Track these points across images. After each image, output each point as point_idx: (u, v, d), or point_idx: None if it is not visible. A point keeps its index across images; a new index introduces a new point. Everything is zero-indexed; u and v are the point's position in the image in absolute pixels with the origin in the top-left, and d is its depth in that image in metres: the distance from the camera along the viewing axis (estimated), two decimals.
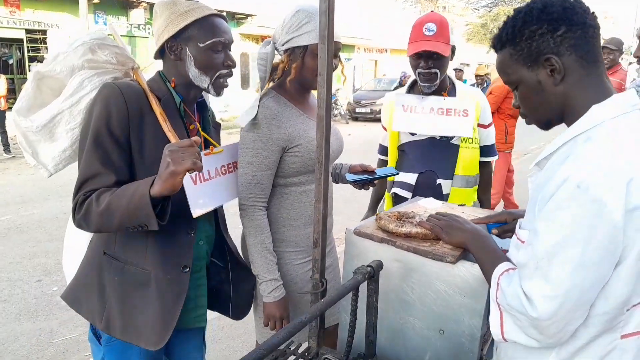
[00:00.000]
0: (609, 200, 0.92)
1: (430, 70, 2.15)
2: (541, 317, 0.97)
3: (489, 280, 1.18)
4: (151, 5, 14.41)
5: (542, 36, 1.06)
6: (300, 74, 1.74)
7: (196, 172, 1.55)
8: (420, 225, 1.44)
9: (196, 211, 1.55)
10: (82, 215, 1.40)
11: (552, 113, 1.13)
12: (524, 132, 5.89)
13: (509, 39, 1.11)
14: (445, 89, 2.31)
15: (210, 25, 1.52)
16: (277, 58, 1.81)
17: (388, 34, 26.13)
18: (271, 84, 1.84)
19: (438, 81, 2.20)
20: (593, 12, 1.07)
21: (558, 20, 1.04)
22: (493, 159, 2.43)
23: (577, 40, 1.04)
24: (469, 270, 1.32)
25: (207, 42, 1.51)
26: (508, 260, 1.19)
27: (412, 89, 2.41)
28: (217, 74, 1.55)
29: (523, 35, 1.08)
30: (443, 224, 1.40)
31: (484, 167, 2.43)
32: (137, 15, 14.35)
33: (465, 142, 2.29)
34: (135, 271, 1.53)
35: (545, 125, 1.18)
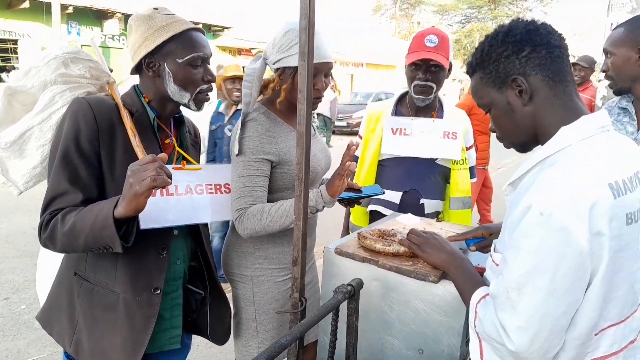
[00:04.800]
0: (574, 226, 0.92)
1: (427, 83, 2.14)
2: (519, 350, 0.97)
3: (467, 305, 1.18)
4: (126, 16, 14.27)
5: (508, 58, 1.09)
6: (291, 94, 1.72)
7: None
8: (398, 241, 1.43)
9: (145, 223, 1.44)
10: (47, 236, 1.36)
11: (525, 134, 1.14)
12: (497, 146, 5.99)
13: (478, 63, 1.15)
14: (435, 109, 2.31)
15: (188, 40, 1.49)
16: (269, 73, 1.80)
17: (364, 48, 26.45)
18: (261, 97, 1.82)
19: (433, 96, 2.19)
20: (560, 34, 1.10)
21: (522, 42, 1.08)
22: (472, 181, 2.42)
23: (542, 60, 1.07)
24: (447, 289, 1.32)
25: (186, 58, 1.48)
26: (485, 284, 1.19)
27: (400, 103, 2.39)
28: (198, 89, 1.53)
29: (490, 59, 1.12)
30: (421, 241, 1.39)
31: None
32: (112, 25, 14.17)
33: (457, 163, 2.29)
34: (104, 293, 1.47)
35: (521, 147, 1.19)
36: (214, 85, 1.60)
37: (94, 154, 1.39)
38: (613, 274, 0.98)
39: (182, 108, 1.65)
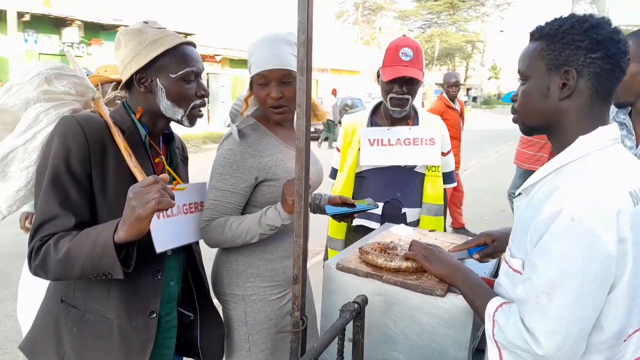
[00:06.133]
0: (603, 231, 0.95)
1: (404, 96, 2.15)
2: (548, 354, 0.98)
3: (480, 316, 1.17)
4: (85, 24, 13.91)
5: (578, 49, 1.05)
6: (256, 103, 1.75)
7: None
8: (404, 256, 1.42)
9: (159, 247, 1.45)
10: (39, 263, 1.28)
11: (541, 122, 1.14)
12: (462, 150, 6.10)
13: (550, 34, 1.10)
14: (410, 117, 2.32)
15: (181, 54, 1.45)
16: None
17: (328, 53, 26.58)
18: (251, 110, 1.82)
19: (408, 106, 2.20)
20: (629, 59, 1.08)
21: (599, 43, 1.04)
22: (451, 186, 2.45)
23: (602, 71, 1.05)
24: (452, 302, 1.31)
25: (180, 73, 1.44)
26: (495, 294, 1.19)
27: (375, 114, 2.39)
28: (192, 104, 1.49)
29: (563, 38, 1.07)
30: (427, 253, 1.39)
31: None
32: (71, 33, 13.74)
33: (430, 170, 2.31)
34: (95, 320, 1.41)
35: (529, 130, 1.20)
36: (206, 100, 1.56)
37: (85, 175, 1.33)
38: (635, 280, 1.01)
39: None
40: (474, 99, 46.87)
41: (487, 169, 11.02)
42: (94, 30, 14.20)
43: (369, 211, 2.25)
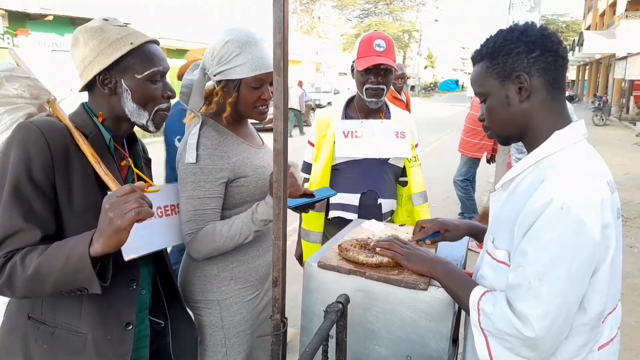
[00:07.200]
0: (589, 219, 1.01)
1: (379, 86, 2.20)
2: (538, 336, 1.03)
3: (464, 307, 1.21)
4: (9, 13, 13.00)
5: (518, 55, 1.15)
6: (236, 107, 1.68)
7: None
8: (381, 254, 1.44)
9: (129, 255, 1.39)
10: (4, 282, 1.19)
11: (514, 129, 1.22)
12: None
13: (489, 52, 1.20)
14: (382, 110, 2.39)
15: (146, 53, 1.38)
16: (210, 84, 1.72)
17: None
18: (204, 109, 1.75)
19: (384, 97, 2.25)
20: (565, 46, 1.17)
21: (535, 43, 1.14)
22: None
23: (547, 65, 1.14)
24: (433, 295, 1.34)
25: (146, 73, 1.37)
26: (476, 283, 1.23)
27: (348, 107, 2.42)
28: (157, 107, 1.43)
29: (502, 51, 1.17)
30: (405, 251, 1.41)
31: None
32: None
33: (411, 161, 2.39)
34: (67, 336, 1.33)
35: (505, 140, 1.27)
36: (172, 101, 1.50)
37: (49, 185, 1.25)
38: (614, 263, 1.08)
39: None
40: (412, 87, 48.02)
41: (430, 156, 11.31)
42: (20, 20, 13.28)
43: (346, 203, 2.30)
